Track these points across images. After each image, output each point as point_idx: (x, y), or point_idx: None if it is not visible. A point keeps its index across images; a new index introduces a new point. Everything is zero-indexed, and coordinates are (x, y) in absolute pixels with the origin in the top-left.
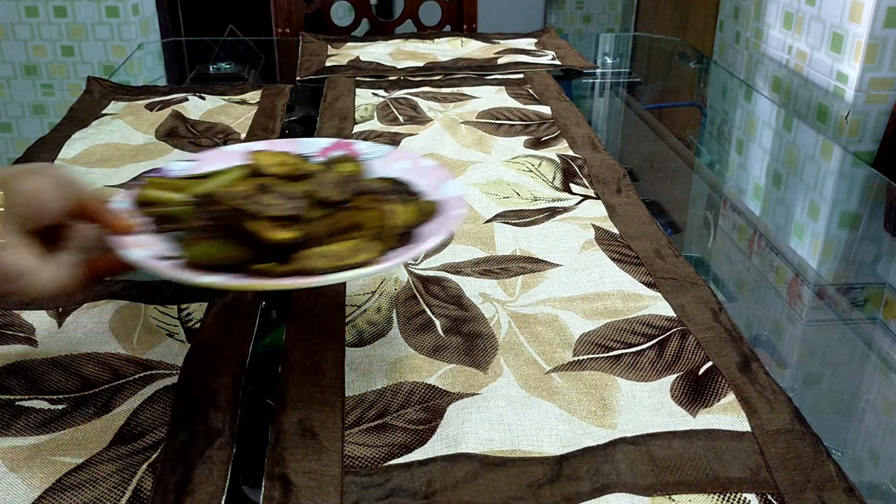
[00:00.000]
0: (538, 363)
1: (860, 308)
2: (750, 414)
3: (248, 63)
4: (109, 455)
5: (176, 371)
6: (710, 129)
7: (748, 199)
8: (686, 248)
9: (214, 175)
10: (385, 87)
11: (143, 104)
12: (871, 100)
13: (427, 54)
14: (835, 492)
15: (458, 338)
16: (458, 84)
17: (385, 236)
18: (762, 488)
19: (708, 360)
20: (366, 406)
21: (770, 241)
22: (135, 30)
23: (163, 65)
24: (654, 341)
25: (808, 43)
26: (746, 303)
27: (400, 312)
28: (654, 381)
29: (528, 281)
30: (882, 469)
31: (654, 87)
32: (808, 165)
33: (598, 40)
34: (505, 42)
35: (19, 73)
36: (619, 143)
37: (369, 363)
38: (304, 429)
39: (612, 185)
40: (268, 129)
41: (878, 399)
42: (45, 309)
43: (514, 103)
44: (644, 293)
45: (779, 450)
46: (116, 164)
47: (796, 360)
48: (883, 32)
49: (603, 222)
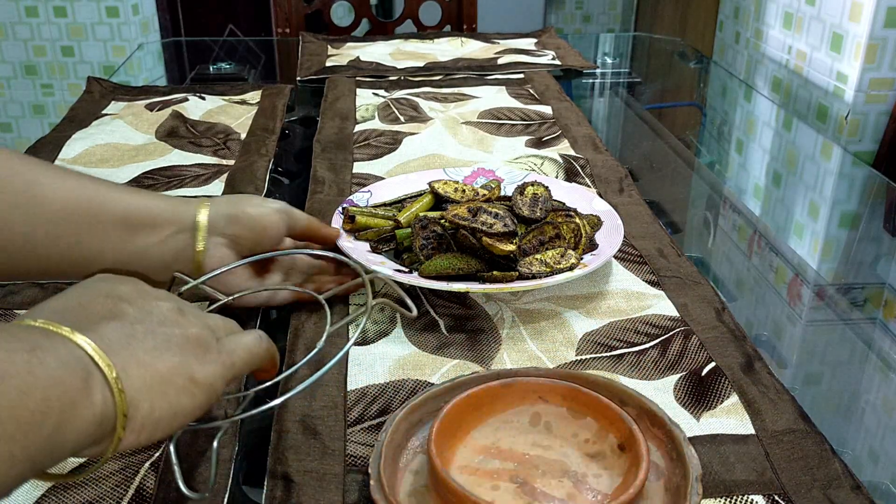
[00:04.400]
0: (542, 361)
1: (860, 308)
2: (753, 416)
3: (248, 63)
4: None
5: None
6: (710, 129)
7: (748, 200)
8: (686, 249)
9: (405, 202)
10: (385, 87)
11: (143, 104)
12: (870, 100)
13: (427, 54)
14: (842, 490)
15: (461, 335)
16: (458, 84)
17: (579, 244)
18: (769, 489)
19: (711, 360)
20: (367, 403)
21: (770, 242)
22: (135, 30)
23: (163, 65)
24: (657, 341)
25: (808, 43)
26: (746, 303)
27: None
28: (657, 380)
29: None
30: (882, 469)
31: (653, 88)
32: (807, 165)
33: (598, 40)
34: (505, 42)
35: (19, 73)
36: (618, 143)
37: (372, 361)
38: (306, 427)
39: (614, 184)
40: (268, 129)
41: (877, 399)
42: None
43: (515, 103)
44: (647, 292)
45: (784, 450)
46: (116, 165)
47: (796, 360)
48: (883, 32)
49: None
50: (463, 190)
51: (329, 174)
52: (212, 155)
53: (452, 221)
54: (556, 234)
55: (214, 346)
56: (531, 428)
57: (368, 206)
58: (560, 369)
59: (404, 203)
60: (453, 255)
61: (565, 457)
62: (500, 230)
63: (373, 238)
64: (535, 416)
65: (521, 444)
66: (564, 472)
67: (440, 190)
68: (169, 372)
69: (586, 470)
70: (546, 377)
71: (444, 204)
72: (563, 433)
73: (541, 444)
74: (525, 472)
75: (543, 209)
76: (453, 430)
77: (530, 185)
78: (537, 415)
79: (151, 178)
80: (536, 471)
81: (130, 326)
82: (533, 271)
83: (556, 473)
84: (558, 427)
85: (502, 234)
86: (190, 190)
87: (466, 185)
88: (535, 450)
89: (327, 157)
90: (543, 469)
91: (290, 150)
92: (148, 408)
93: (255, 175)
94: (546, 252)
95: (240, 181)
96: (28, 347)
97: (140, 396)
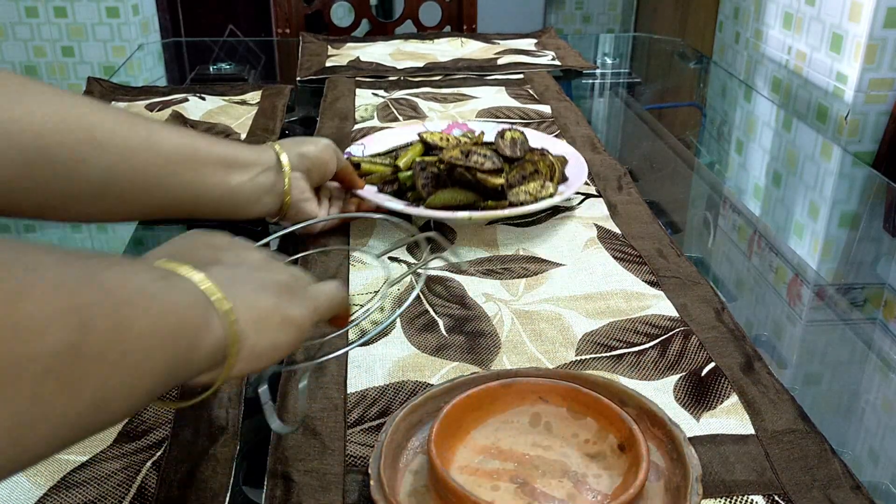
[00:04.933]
0: (541, 362)
1: (860, 308)
2: (753, 416)
3: (249, 63)
4: (114, 453)
5: None
6: (710, 129)
7: (748, 200)
8: (686, 249)
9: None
10: (385, 88)
11: (143, 104)
12: (870, 100)
13: (427, 54)
14: (841, 490)
15: (460, 336)
16: (458, 84)
17: (554, 177)
18: (769, 489)
19: (711, 360)
20: (367, 404)
21: (770, 242)
22: (135, 30)
23: (163, 65)
24: (657, 341)
25: (808, 43)
26: (746, 303)
27: (403, 312)
28: (657, 380)
29: (531, 282)
30: (882, 469)
31: (653, 88)
32: (807, 166)
33: (597, 40)
34: (505, 42)
35: (19, 73)
36: (618, 143)
37: (372, 362)
38: (306, 428)
39: (613, 183)
40: (268, 129)
41: (877, 399)
42: None
43: (514, 103)
44: (647, 292)
45: (784, 450)
46: None
47: (796, 360)
48: (882, 33)
49: (605, 221)
50: (447, 139)
51: None
52: None
53: (449, 162)
54: (534, 170)
55: (300, 292)
56: (531, 428)
57: (366, 156)
58: (560, 370)
59: (398, 153)
60: (452, 190)
61: (565, 457)
62: (490, 167)
63: (377, 182)
64: (535, 416)
65: (521, 444)
66: (564, 472)
67: (428, 139)
68: (267, 310)
69: (586, 470)
70: (546, 377)
71: (432, 151)
72: (564, 433)
73: (541, 445)
74: (525, 472)
75: (522, 149)
76: (453, 431)
77: (508, 131)
78: (537, 415)
79: None
80: (536, 471)
81: (231, 270)
82: (521, 199)
83: (556, 474)
84: (558, 427)
85: (492, 170)
86: None
87: (448, 134)
88: (535, 450)
89: None
90: (543, 469)
91: None
92: (253, 340)
93: None
94: (528, 184)
95: None
96: (162, 275)
97: (247, 329)
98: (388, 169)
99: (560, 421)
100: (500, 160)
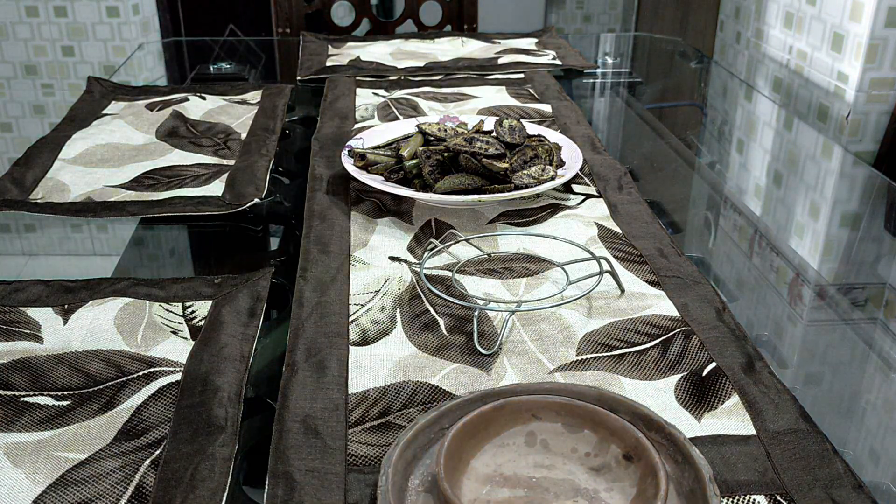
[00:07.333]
0: (542, 362)
1: (861, 308)
2: (754, 416)
3: (249, 63)
4: (113, 451)
5: (180, 368)
6: (711, 129)
7: (749, 199)
8: (686, 248)
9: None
10: (386, 87)
11: (143, 104)
12: (871, 99)
13: (427, 54)
14: (843, 489)
15: (461, 337)
16: (458, 84)
17: (553, 161)
18: (771, 489)
19: (712, 360)
20: (368, 405)
21: (770, 241)
22: (135, 30)
23: (163, 65)
24: (658, 341)
25: (809, 43)
26: (747, 303)
27: (404, 311)
28: (658, 380)
29: (532, 282)
30: (882, 469)
31: (654, 87)
32: (808, 165)
33: (598, 40)
34: (505, 42)
35: (19, 72)
36: (619, 143)
37: (372, 363)
38: (308, 427)
39: (613, 182)
40: (268, 128)
41: (878, 399)
42: (52, 306)
43: (515, 102)
44: (647, 292)
45: (785, 450)
46: (117, 165)
47: (797, 360)
48: (883, 32)
49: (605, 221)
50: (445, 129)
51: (327, 171)
52: (212, 155)
53: (455, 149)
54: (534, 155)
55: None
56: (528, 448)
57: (367, 148)
58: (544, 382)
59: (399, 145)
60: (458, 175)
61: (571, 474)
62: (494, 152)
63: (382, 172)
64: (530, 435)
65: (524, 466)
66: (575, 490)
67: (427, 130)
68: None
69: (595, 485)
70: (533, 393)
71: (431, 141)
72: (562, 449)
73: (543, 465)
74: (538, 497)
75: (521, 136)
76: (454, 464)
77: (505, 119)
78: (532, 434)
79: (152, 178)
80: (548, 493)
81: None
82: (525, 182)
83: (568, 494)
84: (555, 444)
85: (496, 155)
86: (190, 190)
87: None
88: (539, 471)
89: (325, 154)
90: (555, 491)
91: (291, 150)
92: None
93: (255, 175)
94: (530, 168)
95: (240, 181)
96: None
97: None
98: (393, 159)
99: (556, 437)
100: (502, 146)
